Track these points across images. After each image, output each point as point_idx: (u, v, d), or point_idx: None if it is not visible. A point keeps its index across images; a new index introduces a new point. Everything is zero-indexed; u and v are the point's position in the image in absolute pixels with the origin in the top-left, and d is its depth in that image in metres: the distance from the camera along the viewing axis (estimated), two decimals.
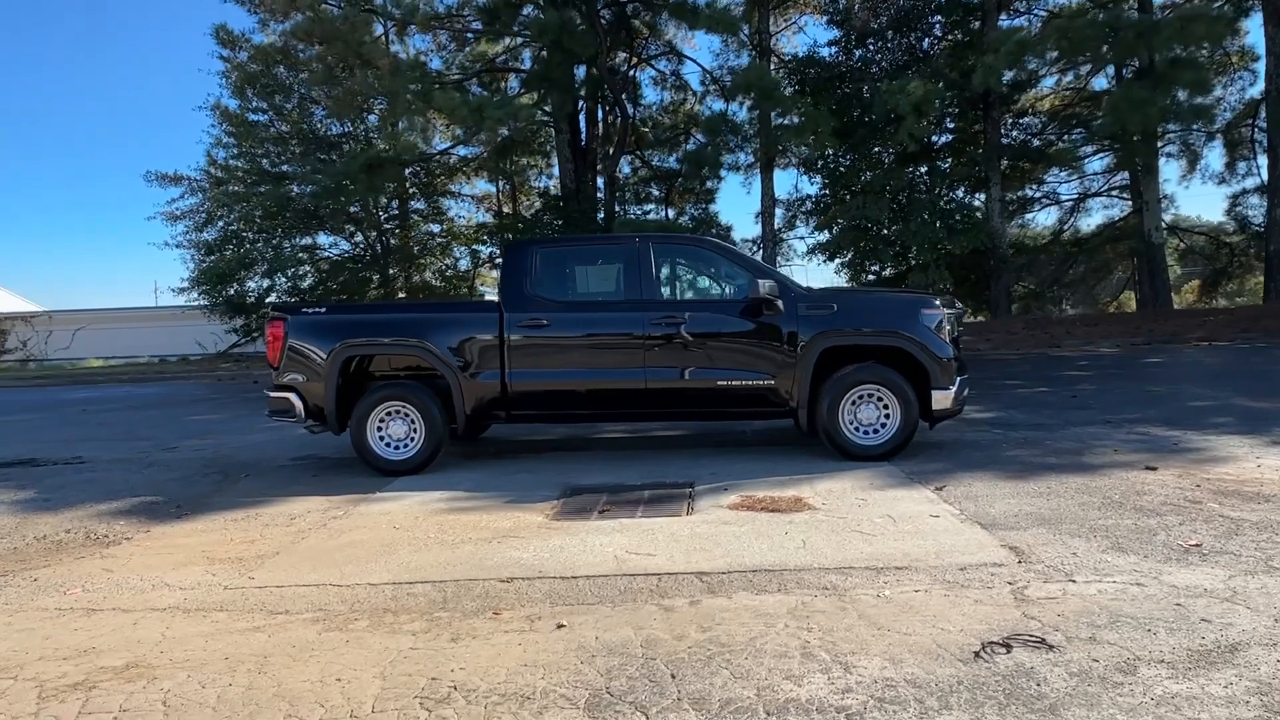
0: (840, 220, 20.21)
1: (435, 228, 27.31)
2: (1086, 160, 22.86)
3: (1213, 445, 5.68)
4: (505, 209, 26.59)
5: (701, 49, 40.26)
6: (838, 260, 21.00)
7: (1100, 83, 23.10)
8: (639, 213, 24.16)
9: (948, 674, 2.32)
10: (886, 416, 5.58)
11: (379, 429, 5.88)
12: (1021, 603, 2.85)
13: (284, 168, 22.63)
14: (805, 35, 36.19)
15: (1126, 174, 23.37)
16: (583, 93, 21.05)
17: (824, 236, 21.90)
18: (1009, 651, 2.44)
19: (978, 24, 20.62)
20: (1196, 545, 3.42)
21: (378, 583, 3.42)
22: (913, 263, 19.17)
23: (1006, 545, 3.54)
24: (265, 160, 23.09)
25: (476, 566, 3.58)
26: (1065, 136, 22.66)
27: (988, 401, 8.68)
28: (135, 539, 4.41)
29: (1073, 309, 28.98)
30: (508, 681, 2.40)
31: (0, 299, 39.64)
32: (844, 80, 20.35)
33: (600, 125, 23.01)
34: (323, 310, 6.14)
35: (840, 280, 22.71)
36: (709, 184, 21.62)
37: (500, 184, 26.31)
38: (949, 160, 21.67)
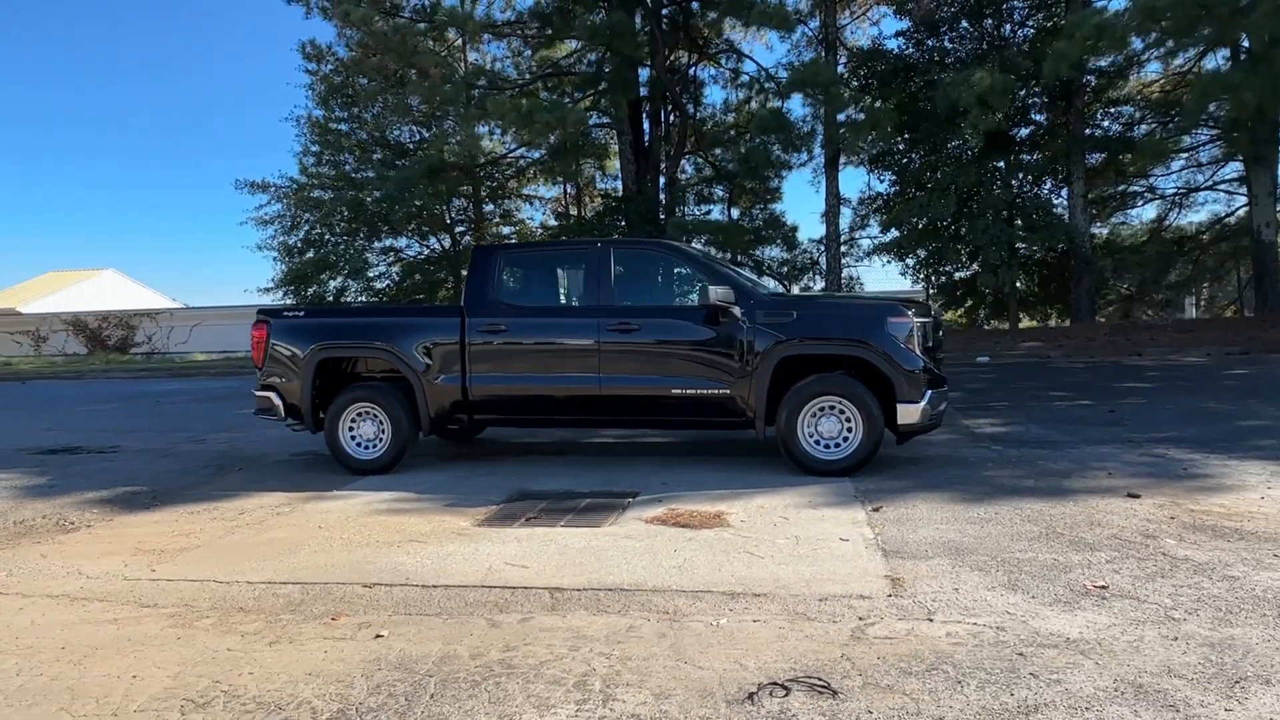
0: (908, 219, 19.34)
1: (508, 230, 28.17)
2: (1188, 151, 20.91)
3: (1228, 471, 5.09)
4: (572, 211, 27.01)
5: (773, 47, 39.44)
6: (904, 261, 20.09)
7: (1210, 64, 21.10)
8: (700, 213, 23.98)
9: (701, 714, 2.17)
10: (849, 430, 5.30)
11: (350, 429, 6.08)
12: (854, 641, 2.64)
13: (367, 174, 23.86)
14: (879, 27, 34.73)
15: (1241, 165, 21.26)
16: (644, 93, 21.08)
17: (892, 236, 21.00)
18: (786, 695, 2.26)
19: (1062, 6, 19.26)
20: (1103, 587, 3.07)
21: (255, 581, 3.54)
22: (984, 264, 18.11)
23: (892, 576, 3.29)
24: (348, 167, 24.42)
25: (355, 570, 3.64)
26: (1166, 126, 20.81)
27: (1012, 414, 8.10)
28: (95, 527, 4.73)
29: (1179, 314, 26.62)
30: (278, 690, 2.43)
31: (144, 296, 43.91)
32: (912, 73, 19.46)
33: (662, 126, 22.96)
34: (301, 314, 6.42)
35: (905, 284, 21.78)
36: (771, 183, 21.14)
37: (566, 187, 26.72)
38: (1030, 154, 20.34)
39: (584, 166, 24.00)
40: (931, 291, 22.77)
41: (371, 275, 23.69)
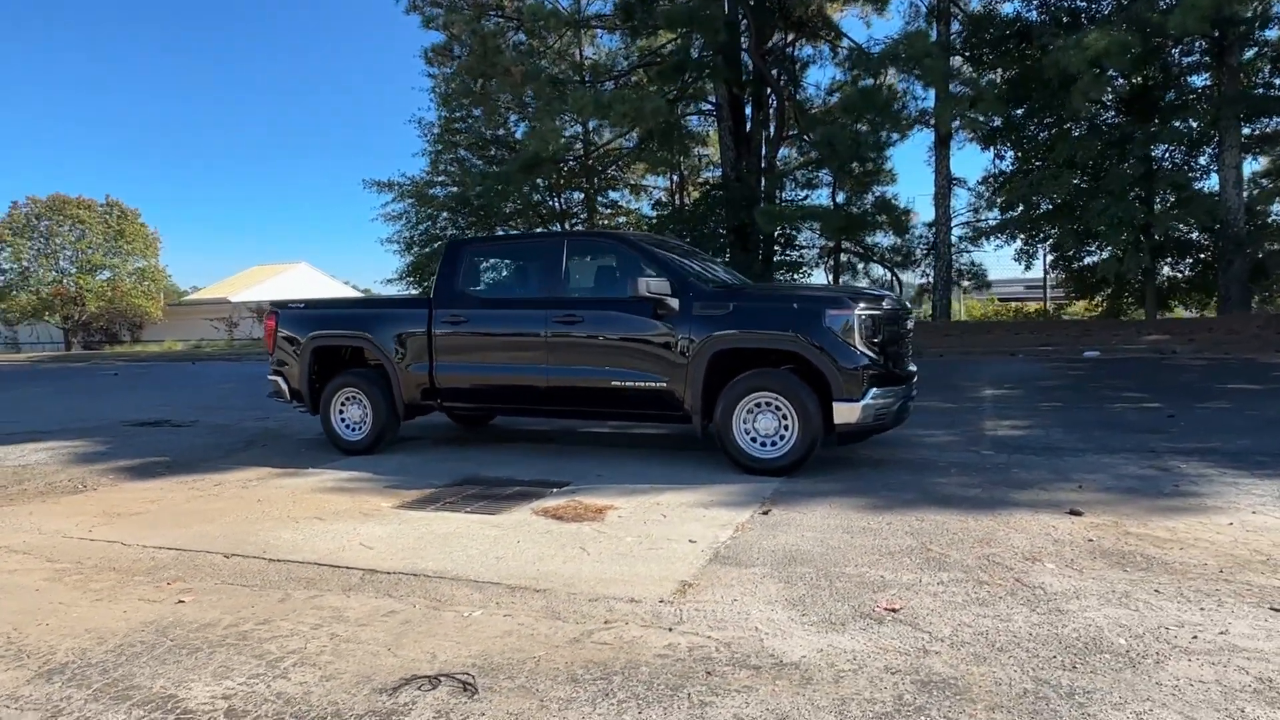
0: (1025, 199, 17.65)
1: (621, 220, 28.71)
2: None
3: (1227, 491, 4.37)
4: (679, 199, 27.02)
5: (872, 23, 36.98)
6: (1020, 246, 18.38)
7: None
8: (801, 198, 23.20)
9: (340, 699, 2.24)
10: (786, 428, 5.05)
11: (340, 412, 6.57)
12: (571, 643, 2.59)
13: (482, 168, 25.15)
14: None
15: None
16: (745, 78, 20.66)
17: (1007, 218, 19.28)
18: (432, 689, 2.28)
19: None
20: (894, 610, 2.79)
21: (148, 545, 3.97)
22: (1110, 247, 16.20)
23: (688, 582, 3.15)
24: (471, 164, 25.86)
25: (233, 541, 3.98)
26: None
27: (1048, 416, 7.31)
28: (97, 491, 5.45)
29: None
30: (44, 640, 2.75)
31: (329, 285, 49.24)
32: (1031, 36, 17.67)
33: (764, 110, 22.40)
34: (301, 306, 6.96)
35: (1016, 270, 19.86)
36: (868, 165, 20.01)
37: (672, 176, 26.76)
38: (1178, 120, 17.86)
39: (685, 154, 23.86)
40: (1060, 278, 20.68)
41: None
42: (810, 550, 3.52)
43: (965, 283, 22.81)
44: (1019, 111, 17.34)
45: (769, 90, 21.15)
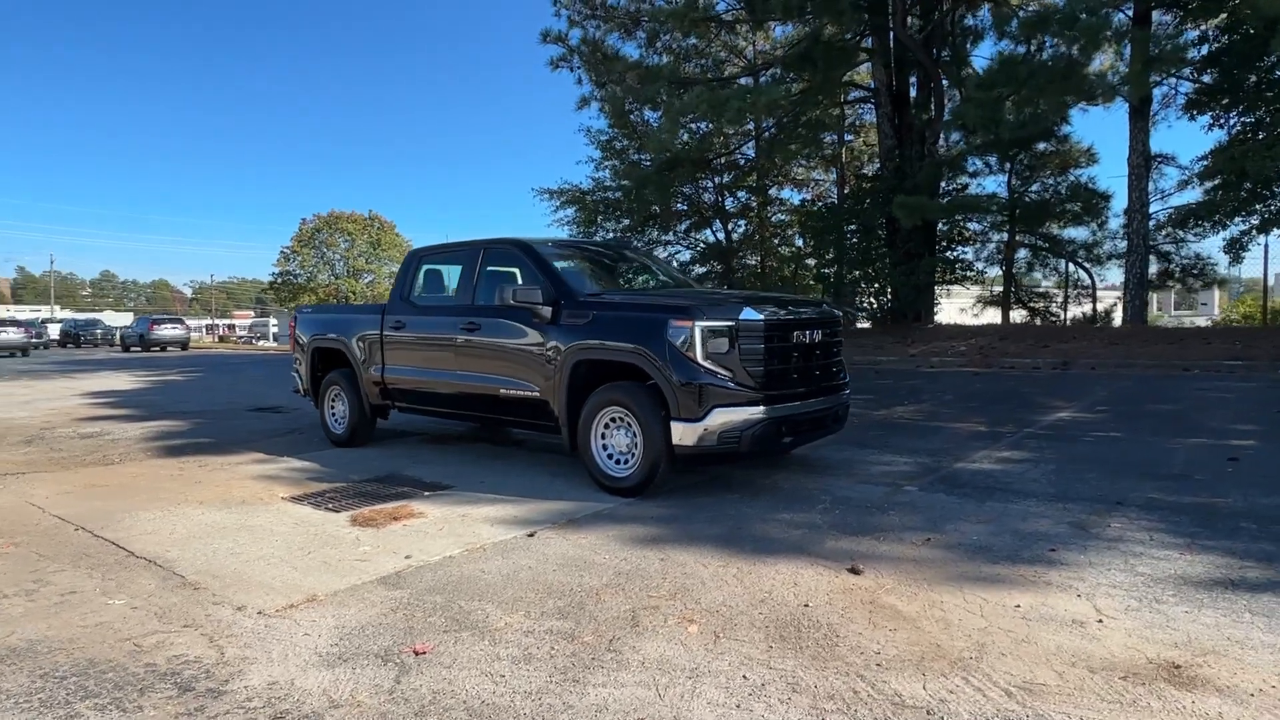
0: (1230, 174, 14.33)
1: (782, 217, 27.89)
2: None
3: (1106, 564, 3.41)
4: (841, 192, 25.57)
5: None
6: (1225, 233, 14.96)
7: None
8: (971, 186, 20.83)
9: None
10: (636, 446, 4.75)
11: (331, 408, 7.28)
12: (122, 641, 2.78)
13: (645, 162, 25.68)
14: None
15: None
16: (887, 60, 19.07)
17: (1210, 199, 15.79)
18: None
19: None
20: (420, 654, 2.61)
21: (54, 513, 4.75)
22: None
23: (316, 597, 3.17)
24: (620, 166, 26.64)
25: (105, 515, 4.64)
26: None
27: (1064, 449, 6.02)
28: (124, 464, 6.55)
29: None
30: None
31: None
32: None
33: (925, 91, 20.44)
34: (309, 310, 7.76)
35: (1218, 266, 16.09)
36: (1045, 145, 17.39)
37: (834, 169, 25.39)
38: None
39: (815, 146, 22.49)
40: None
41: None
42: (483, 580, 3.36)
43: (1179, 280, 18.97)
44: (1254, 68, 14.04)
45: (924, 72, 19.26)
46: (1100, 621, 2.77)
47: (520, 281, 5.72)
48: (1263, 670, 2.40)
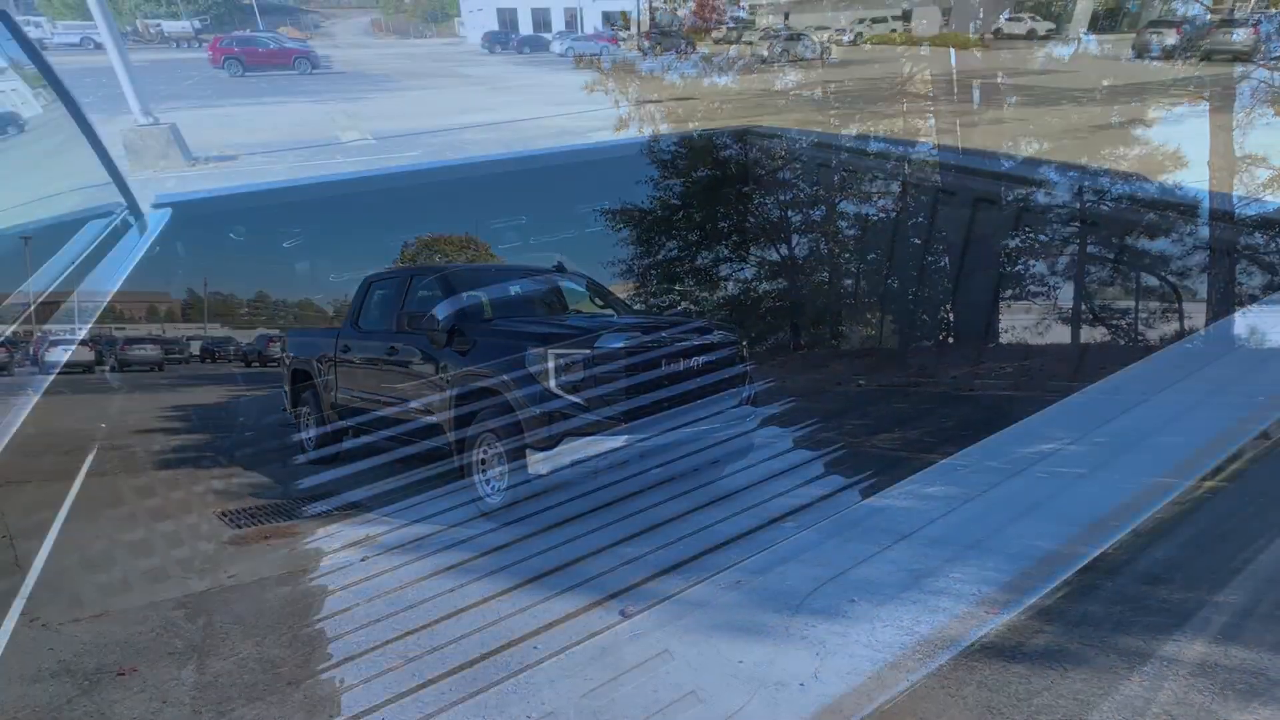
0: None
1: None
2: None
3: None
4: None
5: None
6: None
7: None
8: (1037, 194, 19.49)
9: None
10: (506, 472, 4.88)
11: (306, 425, 7.78)
12: None
13: None
14: None
15: None
16: None
17: None
18: None
19: None
20: None
21: None
22: None
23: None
24: None
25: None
26: None
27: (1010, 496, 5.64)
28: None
29: None
30: None
31: None
32: None
33: None
34: (295, 333, 8.33)
35: None
36: None
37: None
38: None
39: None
40: None
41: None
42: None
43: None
44: None
45: None
46: None
47: (433, 308, 5.96)
48: None
